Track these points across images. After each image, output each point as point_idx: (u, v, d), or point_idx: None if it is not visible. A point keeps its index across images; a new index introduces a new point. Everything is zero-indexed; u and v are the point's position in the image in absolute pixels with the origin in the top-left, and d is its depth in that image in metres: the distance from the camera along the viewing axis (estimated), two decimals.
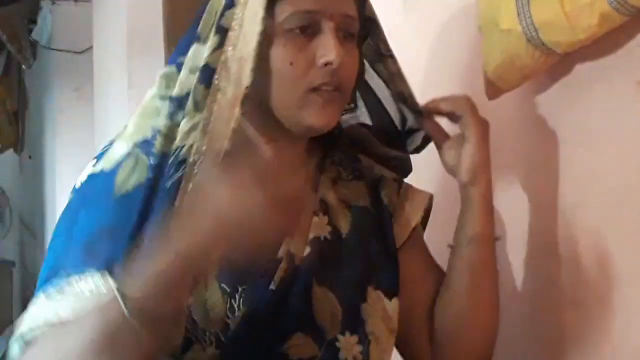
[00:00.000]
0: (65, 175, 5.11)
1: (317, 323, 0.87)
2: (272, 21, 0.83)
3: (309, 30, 0.84)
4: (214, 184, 0.70)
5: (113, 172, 0.83)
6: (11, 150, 6.34)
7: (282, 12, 0.83)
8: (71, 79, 5.03)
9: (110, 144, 0.89)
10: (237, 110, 0.80)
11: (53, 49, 5.06)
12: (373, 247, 0.94)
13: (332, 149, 0.98)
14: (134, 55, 3.37)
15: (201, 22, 0.86)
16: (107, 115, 3.77)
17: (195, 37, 0.86)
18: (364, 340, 0.89)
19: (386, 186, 1.00)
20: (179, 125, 0.83)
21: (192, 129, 0.82)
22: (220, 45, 0.83)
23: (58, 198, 5.14)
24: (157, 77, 0.88)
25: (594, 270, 0.92)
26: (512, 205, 1.09)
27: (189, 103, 0.83)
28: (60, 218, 0.86)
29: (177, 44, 0.87)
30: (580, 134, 0.95)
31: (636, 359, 0.85)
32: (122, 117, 3.40)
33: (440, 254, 1.02)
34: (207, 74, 0.83)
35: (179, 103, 0.84)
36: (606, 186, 0.90)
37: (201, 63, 0.83)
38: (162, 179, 0.82)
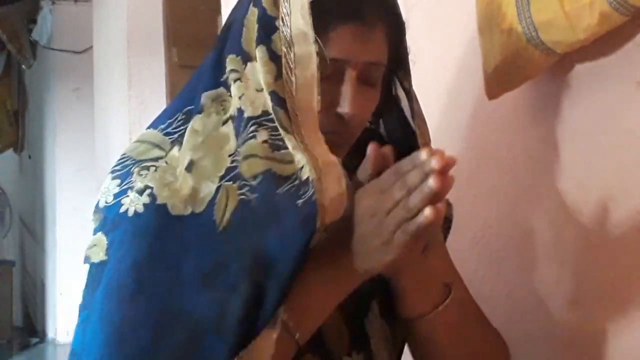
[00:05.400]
0: (65, 175, 5.12)
1: (326, 344, 0.86)
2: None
3: (331, 78, 0.82)
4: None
5: (209, 213, 0.78)
6: (11, 150, 6.34)
7: None
8: (71, 79, 5.04)
9: (125, 159, 0.85)
10: (320, 136, 0.79)
11: (53, 49, 5.07)
12: None
13: (349, 154, 0.94)
14: (134, 55, 3.37)
15: (244, 39, 0.82)
16: (107, 115, 3.77)
17: (244, 55, 0.82)
18: (371, 355, 0.89)
19: None
20: (244, 141, 0.79)
21: (295, 149, 0.77)
22: (280, 75, 0.80)
23: (58, 198, 5.15)
24: (204, 102, 0.83)
25: (594, 270, 0.92)
26: (512, 205, 1.09)
27: (282, 131, 0.79)
28: (127, 253, 0.79)
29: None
30: (580, 134, 0.95)
31: (636, 359, 0.85)
32: (122, 117, 3.40)
33: None
34: (280, 101, 0.79)
35: (256, 122, 0.79)
36: (606, 185, 0.90)
37: (268, 88, 0.79)
38: (271, 195, 0.77)
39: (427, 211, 0.73)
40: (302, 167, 0.77)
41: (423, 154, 0.75)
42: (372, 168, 0.80)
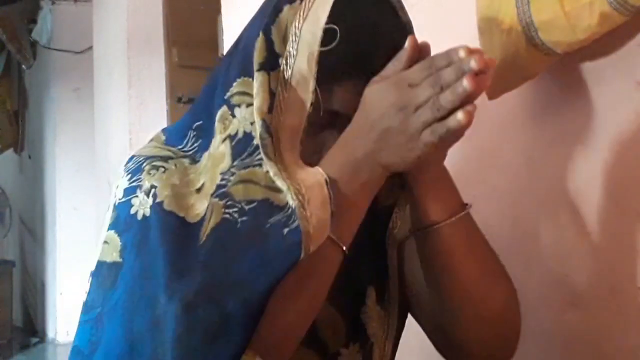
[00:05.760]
0: (65, 175, 5.13)
1: (320, 337, 0.86)
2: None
3: (327, 126, 0.81)
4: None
5: (198, 225, 0.77)
6: (11, 150, 6.34)
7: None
8: (71, 79, 5.04)
9: (137, 157, 0.85)
10: (302, 164, 0.77)
11: (53, 49, 5.07)
12: (366, 241, 0.88)
13: None
14: (134, 55, 3.37)
15: (255, 61, 0.79)
16: (107, 115, 3.77)
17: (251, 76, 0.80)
18: (366, 344, 0.89)
19: None
20: (246, 166, 0.77)
21: (276, 175, 0.75)
22: (271, 110, 0.78)
23: (58, 198, 5.15)
24: (216, 125, 0.82)
25: (594, 270, 0.92)
26: (512, 205, 1.09)
27: (265, 158, 0.77)
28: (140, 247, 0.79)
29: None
30: (580, 134, 0.95)
31: (636, 359, 0.85)
32: (122, 117, 3.40)
33: None
34: (269, 131, 0.77)
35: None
36: (606, 186, 0.90)
37: (260, 115, 0.77)
38: (262, 223, 0.74)
39: (460, 115, 0.70)
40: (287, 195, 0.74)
41: (461, 52, 0.72)
42: (408, 59, 0.76)
